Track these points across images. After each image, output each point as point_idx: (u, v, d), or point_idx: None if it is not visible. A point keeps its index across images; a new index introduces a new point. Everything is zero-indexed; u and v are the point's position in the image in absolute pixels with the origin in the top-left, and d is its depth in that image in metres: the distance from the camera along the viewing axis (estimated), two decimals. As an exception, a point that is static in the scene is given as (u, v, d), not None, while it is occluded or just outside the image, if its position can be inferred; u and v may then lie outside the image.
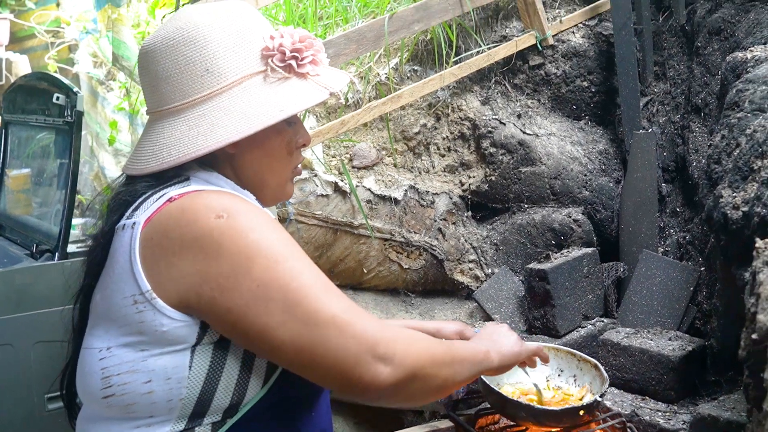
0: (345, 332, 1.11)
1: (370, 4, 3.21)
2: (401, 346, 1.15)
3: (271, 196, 1.38)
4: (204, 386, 1.16)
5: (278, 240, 1.16)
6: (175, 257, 1.14)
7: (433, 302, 2.94)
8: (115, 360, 1.17)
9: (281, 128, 1.32)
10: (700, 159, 2.74)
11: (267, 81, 1.27)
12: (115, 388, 1.16)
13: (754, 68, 2.09)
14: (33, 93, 2.91)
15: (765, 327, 1.12)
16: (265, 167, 1.33)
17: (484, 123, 3.00)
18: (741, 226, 1.70)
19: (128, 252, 1.17)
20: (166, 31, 1.28)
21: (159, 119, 1.29)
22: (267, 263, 1.12)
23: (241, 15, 1.30)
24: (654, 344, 2.31)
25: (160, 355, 1.15)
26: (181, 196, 1.19)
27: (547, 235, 2.91)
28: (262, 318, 1.11)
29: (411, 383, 1.16)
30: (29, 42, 5.91)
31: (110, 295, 1.20)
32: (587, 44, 3.17)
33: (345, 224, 2.68)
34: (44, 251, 2.58)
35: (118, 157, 4.21)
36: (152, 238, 1.17)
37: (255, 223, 1.16)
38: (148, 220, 1.18)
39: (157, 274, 1.15)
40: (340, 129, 2.65)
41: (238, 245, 1.12)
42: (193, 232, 1.13)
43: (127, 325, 1.17)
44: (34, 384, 2.37)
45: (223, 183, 1.28)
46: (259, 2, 2.38)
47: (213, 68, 1.24)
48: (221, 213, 1.14)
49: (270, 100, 1.24)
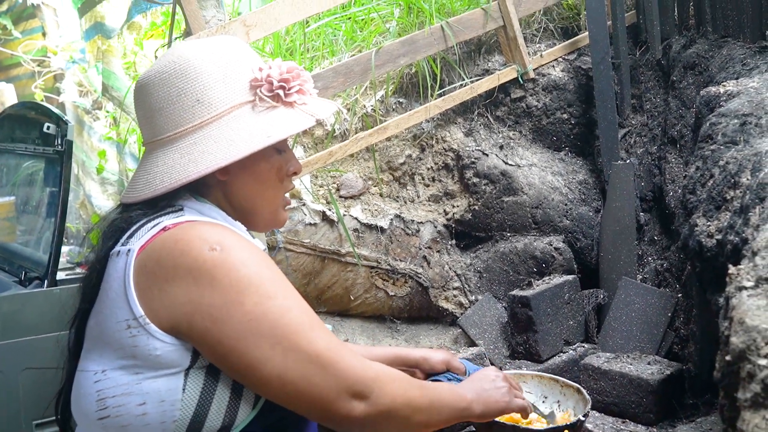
0: (327, 370, 1.16)
1: (357, 38, 3.28)
2: (378, 385, 1.20)
3: (263, 223, 1.42)
4: (196, 409, 1.19)
5: (269, 276, 1.19)
6: (168, 285, 1.17)
7: (419, 329, 2.98)
8: (110, 383, 1.19)
9: (270, 155, 1.36)
10: (676, 189, 2.80)
11: (255, 110, 1.31)
12: (110, 410, 1.19)
13: (726, 102, 2.15)
14: (22, 122, 2.92)
15: (738, 349, 1.16)
16: (255, 194, 1.37)
17: (468, 154, 3.06)
18: (715, 254, 1.74)
19: (122, 278, 1.21)
20: (159, 65, 1.33)
21: (154, 149, 1.33)
22: (258, 298, 1.16)
23: (231, 48, 1.35)
24: (633, 368, 2.36)
25: (154, 378, 1.18)
26: (175, 225, 1.23)
27: (529, 262, 2.97)
28: (251, 352, 1.15)
29: (384, 421, 1.22)
30: (15, 70, 5.92)
31: (104, 320, 1.23)
32: (567, 78, 3.25)
33: (332, 252, 2.72)
34: (33, 278, 2.58)
35: (104, 186, 4.22)
36: (146, 265, 1.20)
37: (247, 257, 1.19)
38: (142, 248, 1.21)
39: (150, 300, 1.18)
40: (328, 159, 2.71)
41: (230, 278, 1.16)
42: (187, 262, 1.17)
43: (121, 349, 1.19)
44: (22, 410, 2.35)
45: (215, 214, 1.31)
46: (250, 37, 2.44)
47: (203, 99, 1.29)
48: (215, 245, 1.17)
49: (257, 128, 1.29)
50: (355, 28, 3.36)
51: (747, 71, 2.47)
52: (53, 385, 1.41)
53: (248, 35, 2.43)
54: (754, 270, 1.30)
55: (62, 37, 4.99)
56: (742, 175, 1.76)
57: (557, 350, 2.74)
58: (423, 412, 1.29)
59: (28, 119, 2.88)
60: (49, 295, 2.44)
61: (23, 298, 2.41)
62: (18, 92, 5.59)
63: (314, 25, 3.32)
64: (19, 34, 5.74)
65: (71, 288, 2.46)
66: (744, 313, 1.18)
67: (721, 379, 1.24)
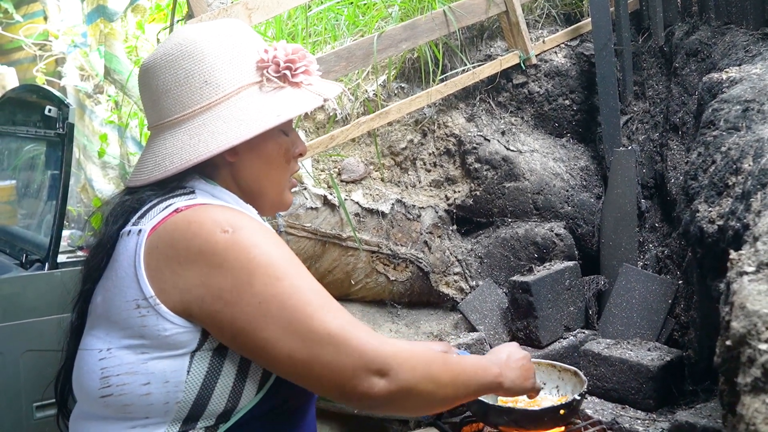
0: (340, 349, 1.14)
1: (359, 23, 3.27)
2: (397, 361, 1.17)
3: (270, 205, 1.42)
4: (200, 391, 1.19)
5: (280, 257, 1.19)
6: (180, 267, 1.17)
7: (419, 313, 2.98)
8: (115, 361, 1.20)
9: (278, 136, 1.36)
10: (677, 176, 2.80)
11: (263, 90, 1.31)
12: (113, 388, 1.19)
13: (729, 89, 2.15)
14: (24, 105, 2.93)
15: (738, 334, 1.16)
16: (263, 175, 1.37)
17: (469, 139, 3.06)
18: (716, 240, 1.75)
19: (133, 258, 1.21)
20: (164, 48, 1.33)
21: (160, 132, 1.33)
22: (268, 279, 1.16)
23: (237, 30, 1.35)
24: (633, 355, 2.36)
25: (160, 358, 1.18)
26: (188, 207, 1.22)
27: (530, 248, 2.97)
28: (262, 332, 1.15)
29: (406, 397, 1.20)
30: (16, 54, 5.90)
31: (111, 298, 1.23)
32: (569, 64, 3.25)
33: (333, 236, 2.73)
34: (34, 261, 2.58)
35: (105, 170, 4.22)
36: (157, 246, 1.20)
37: (259, 239, 1.19)
38: (153, 229, 1.21)
39: (160, 281, 1.18)
40: (330, 144, 2.70)
41: (240, 260, 1.16)
42: (199, 244, 1.17)
43: (128, 328, 1.19)
44: (22, 392, 2.37)
45: (227, 197, 1.32)
46: (252, 20, 2.43)
47: (211, 80, 1.29)
48: (227, 228, 1.18)
49: (266, 107, 1.29)
50: (358, 12, 3.35)
51: (750, 58, 2.46)
52: (54, 368, 1.41)
53: (250, 18, 2.43)
54: (755, 255, 1.31)
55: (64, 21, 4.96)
56: (744, 161, 1.76)
57: (557, 336, 2.74)
58: (447, 386, 1.27)
59: (29, 102, 2.88)
60: (50, 278, 2.45)
61: (24, 280, 2.42)
62: (19, 76, 5.57)
63: (316, 9, 3.31)
64: (20, 17, 5.71)
65: (72, 271, 2.47)
66: (745, 298, 1.18)
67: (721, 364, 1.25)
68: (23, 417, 2.37)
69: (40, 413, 2.39)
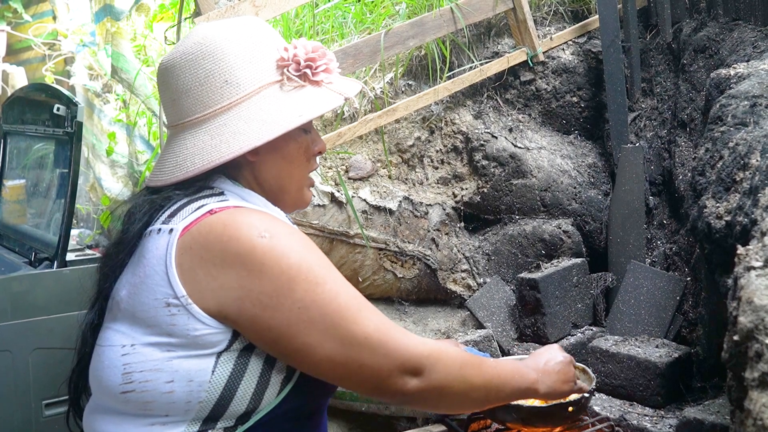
0: (377, 351, 1.19)
1: (366, 20, 3.27)
2: (431, 361, 1.23)
3: (290, 203, 1.42)
4: (223, 392, 1.19)
5: (317, 262, 1.20)
6: (216, 270, 1.17)
7: (427, 311, 2.98)
8: (139, 357, 1.20)
9: (298, 135, 1.36)
10: (685, 172, 2.79)
11: (284, 89, 1.31)
12: (135, 384, 1.19)
13: (736, 84, 2.14)
14: (33, 104, 2.94)
15: (745, 328, 1.16)
16: (284, 173, 1.37)
17: (477, 136, 3.06)
18: (724, 235, 1.74)
19: (164, 256, 1.20)
20: (184, 47, 1.32)
21: (180, 131, 1.32)
22: (308, 285, 1.17)
23: (256, 29, 1.34)
24: (641, 351, 2.36)
25: (187, 357, 1.18)
26: (221, 209, 1.22)
27: (538, 245, 2.97)
28: (302, 338, 1.17)
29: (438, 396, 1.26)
30: (26, 54, 5.93)
31: (137, 294, 1.22)
32: (577, 61, 3.24)
33: (341, 234, 2.73)
34: (43, 259, 2.60)
35: (114, 168, 4.23)
36: (191, 247, 1.20)
37: (295, 244, 1.20)
38: (186, 229, 1.21)
39: (194, 281, 1.18)
40: (337, 141, 2.71)
41: (280, 266, 1.17)
42: (236, 248, 1.17)
43: (156, 326, 1.19)
44: (32, 390, 2.38)
45: (256, 200, 1.32)
46: (260, 17, 2.43)
47: (232, 79, 1.28)
48: (263, 233, 1.18)
49: (288, 107, 1.29)
50: (365, 10, 3.35)
51: (758, 54, 2.46)
52: (63, 365, 1.42)
53: (258, 15, 2.43)
54: (763, 250, 1.31)
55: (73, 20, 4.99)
56: (751, 157, 1.75)
57: (565, 333, 2.74)
58: (480, 389, 1.32)
59: (38, 101, 2.90)
60: (59, 276, 2.46)
61: (33, 278, 2.44)
62: (29, 76, 5.61)
63: (323, 7, 3.31)
64: (29, 17, 5.74)
65: (81, 269, 2.49)
66: (752, 292, 1.18)
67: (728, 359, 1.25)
68: (33, 414, 2.39)
69: (50, 411, 2.41)
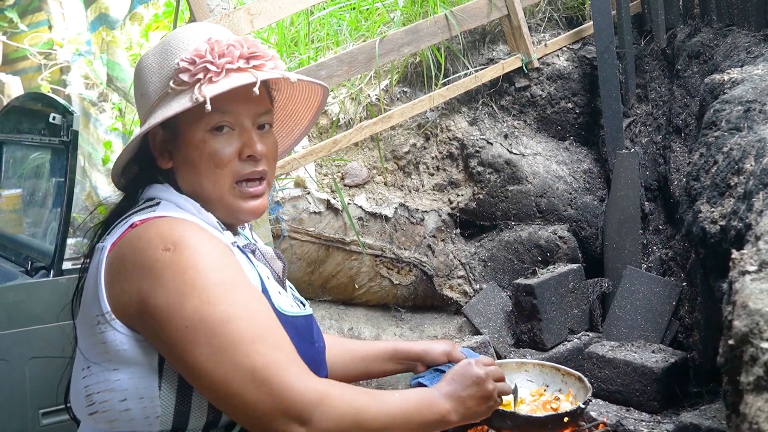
0: (262, 389, 1.11)
1: (361, 28, 3.28)
2: (320, 410, 1.13)
3: (221, 210, 1.32)
4: (177, 405, 1.18)
5: (219, 281, 1.15)
6: (126, 283, 1.17)
7: (423, 317, 2.98)
8: (94, 378, 1.20)
9: (199, 140, 1.28)
10: (681, 178, 2.80)
11: (177, 96, 1.27)
12: (97, 405, 1.19)
13: (730, 89, 2.15)
14: (29, 113, 2.94)
15: (740, 332, 1.16)
16: (195, 180, 1.31)
17: (472, 143, 3.06)
18: (719, 240, 1.74)
19: (95, 274, 1.21)
20: None
21: None
22: (199, 304, 1.13)
23: (175, 37, 1.33)
24: (638, 357, 2.36)
25: (130, 375, 1.17)
26: (143, 221, 1.22)
27: (534, 251, 2.97)
28: (189, 358, 1.13)
29: None
30: (21, 63, 5.92)
31: (82, 314, 1.24)
32: (571, 67, 3.25)
33: (337, 241, 2.73)
34: (39, 268, 2.59)
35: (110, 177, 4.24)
36: (113, 263, 1.20)
37: (199, 260, 1.16)
38: (113, 245, 1.22)
39: (115, 296, 1.18)
40: (333, 148, 2.71)
41: (175, 281, 1.14)
42: (141, 261, 1.16)
43: (96, 345, 1.19)
44: (28, 399, 2.37)
45: (190, 206, 1.29)
46: (254, 25, 2.44)
47: (144, 92, 1.33)
48: (169, 245, 1.16)
49: (160, 113, 1.26)
50: (360, 17, 3.36)
51: (752, 59, 2.46)
52: (59, 374, 1.42)
53: (252, 23, 2.44)
54: (757, 254, 1.31)
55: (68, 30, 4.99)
56: (746, 161, 1.76)
57: (562, 339, 2.74)
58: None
59: (34, 110, 2.89)
60: (55, 285, 2.45)
61: (29, 287, 2.43)
62: (24, 85, 5.60)
63: (318, 14, 3.32)
64: (25, 27, 5.74)
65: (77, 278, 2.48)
66: (747, 297, 1.18)
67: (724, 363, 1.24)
68: (30, 423, 2.38)
69: (47, 420, 2.40)
